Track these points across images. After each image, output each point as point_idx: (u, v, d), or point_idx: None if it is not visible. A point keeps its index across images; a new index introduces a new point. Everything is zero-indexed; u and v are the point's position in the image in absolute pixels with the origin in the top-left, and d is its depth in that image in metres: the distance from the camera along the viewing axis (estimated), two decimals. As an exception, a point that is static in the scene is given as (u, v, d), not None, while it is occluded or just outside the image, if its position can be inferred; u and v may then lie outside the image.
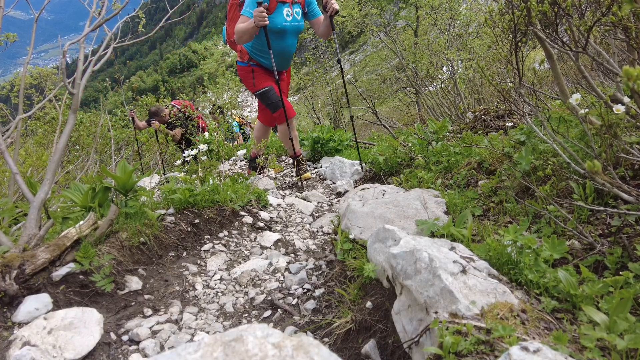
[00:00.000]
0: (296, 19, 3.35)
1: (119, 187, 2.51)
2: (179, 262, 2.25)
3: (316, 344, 0.70)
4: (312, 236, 2.73)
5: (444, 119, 3.38)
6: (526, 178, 1.87)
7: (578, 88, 3.38)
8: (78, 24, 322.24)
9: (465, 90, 6.80)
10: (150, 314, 1.84)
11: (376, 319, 1.46)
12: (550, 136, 1.78)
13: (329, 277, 2.02)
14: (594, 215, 1.54)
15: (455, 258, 1.26)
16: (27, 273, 1.71)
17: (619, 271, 1.26)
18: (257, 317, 1.86)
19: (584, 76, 1.86)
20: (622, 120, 1.50)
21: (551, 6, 1.67)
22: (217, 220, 2.60)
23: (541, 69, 2.51)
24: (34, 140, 7.13)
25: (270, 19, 3.17)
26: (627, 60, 1.88)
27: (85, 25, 2.61)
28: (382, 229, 1.60)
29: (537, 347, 0.84)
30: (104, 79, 63.07)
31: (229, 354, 0.66)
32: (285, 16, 3.26)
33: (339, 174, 3.86)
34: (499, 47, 2.31)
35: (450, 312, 1.08)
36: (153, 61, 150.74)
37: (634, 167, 1.60)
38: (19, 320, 1.58)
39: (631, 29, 1.53)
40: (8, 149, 2.44)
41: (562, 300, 1.18)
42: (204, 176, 2.92)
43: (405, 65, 7.92)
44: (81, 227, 2.02)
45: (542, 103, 2.49)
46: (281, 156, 5.01)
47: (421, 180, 2.53)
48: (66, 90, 2.40)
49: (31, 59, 2.84)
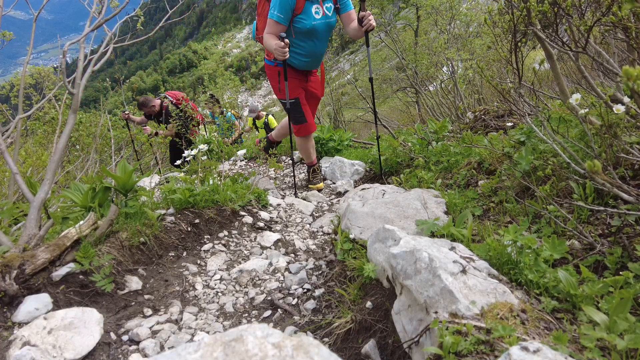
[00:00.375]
0: (327, 15, 3.11)
1: (119, 187, 2.51)
2: (179, 262, 2.25)
3: (316, 344, 0.70)
4: (312, 236, 2.73)
5: (444, 119, 3.38)
6: (526, 178, 1.87)
7: (578, 88, 3.38)
8: (78, 24, 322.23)
9: (465, 90, 6.80)
10: (150, 314, 1.84)
11: (376, 319, 1.46)
12: (550, 136, 1.78)
13: (329, 277, 2.02)
14: (594, 215, 1.54)
15: (455, 258, 1.26)
16: (27, 273, 1.71)
17: (619, 271, 1.26)
18: (257, 317, 1.86)
19: (584, 76, 1.86)
20: (622, 120, 1.50)
21: (551, 6, 1.67)
22: (217, 220, 2.60)
23: (541, 69, 2.51)
24: (34, 140, 7.13)
25: (299, 20, 3.02)
26: (627, 60, 1.88)
27: (85, 25, 2.61)
28: (382, 229, 1.60)
29: (537, 347, 0.84)
30: (104, 79, 63.09)
31: (229, 354, 0.66)
32: (314, 14, 3.04)
33: (339, 174, 3.86)
34: (498, 47, 2.31)
35: (450, 312, 1.08)
36: (153, 61, 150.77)
37: (634, 167, 1.60)
38: (19, 320, 1.58)
39: (631, 29, 1.53)
40: (8, 149, 2.44)
41: (562, 300, 1.18)
42: (204, 176, 2.92)
43: (405, 65, 7.93)
44: (81, 227, 2.02)
45: (542, 103, 2.49)
46: (281, 156, 5.01)
47: (421, 180, 2.53)
48: (66, 90, 2.40)
49: (31, 59, 2.84)
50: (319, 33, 3.13)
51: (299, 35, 3.09)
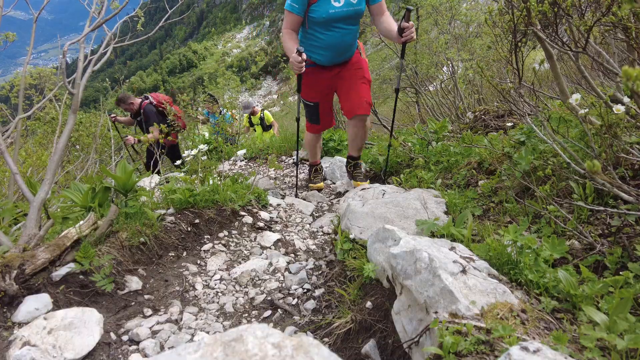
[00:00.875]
0: (350, 2, 2.73)
1: (119, 187, 2.51)
2: (179, 262, 2.25)
3: (316, 344, 0.70)
4: (312, 236, 2.73)
5: (444, 119, 3.38)
6: (526, 178, 1.87)
7: (578, 88, 3.38)
8: (78, 24, 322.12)
9: (465, 90, 6.80)
10: (150, 314, 1.84)
11: (376, 319, 1.46)
12: (550, 136, 1.78)
13: (329, 277, 2.02)
14: (594, 215, 1.54)
15: (455, 258, 1.26)
16: (27, 273, 1.71)
17: (619, 271, 1.26)
18: (257, 317, 1.86)
19: (584, 76, 1.86)
20: (622, 120, 1.50)
21: (551, 6, 1.67)
22: (217, 220, 2.60)
23: (541, 69, 2.51)
24: (34, 140, 7.13)
25: (313, 9, 2.73)
26: (627, 60, 1.88)
27: (85, 25, 2.61)
28: (382, 229, 1.60)
29: (537, 347, 0.84)
30: (104, 79, 63.05)
31: (229, 354, 0.66)
32: (334, 2, 2.71)
33: (338, 174, 3.86)
34: (499, 47, 2.31)
35: (450, 312, 1.08)
36: (153, 61, 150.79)
37: (634, 167, 1.61)
38: (19, 320, 1.58)
39: (631, 29, 1.53)
40: (8, 149, 2.44)
41: (562, 300, 1.18)
42: (204, 176, 2.92)
43: (405, 65, 7.92)
44: (81, 227, 2.02)
45: (542, 103, 2.49)
46: (281, 156, 5.01)
47: (421, 180, 2.53)
48: (66, 90, 2.40)
49: (31, 59, 2.84)
50: (339, 22, 2.79)
51: (314, 26, 2.82)
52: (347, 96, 3.03)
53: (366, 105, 2.98)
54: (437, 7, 7.35)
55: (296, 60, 2.60)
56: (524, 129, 2.20)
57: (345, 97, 3.04)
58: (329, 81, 3.05)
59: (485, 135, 2.99)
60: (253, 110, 8.06)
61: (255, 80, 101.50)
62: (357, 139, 3.17)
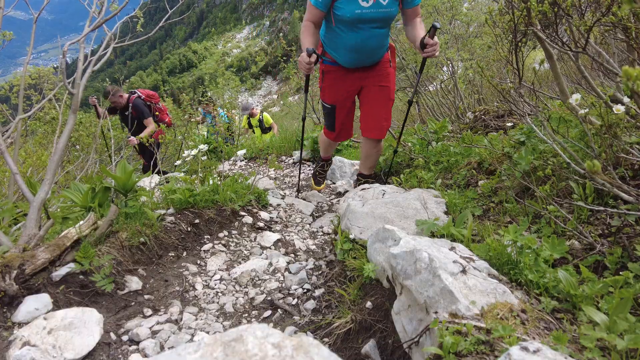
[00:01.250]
0: (380, 3, 2.49)
1: (119, 187, 2.51)
2: (179, 262, 2.25)
3: (316, 344, 0.70)
4: (312, 236, 2.73)
5: (444, 119, 3.38)
6: (526, 178, 1.87)
7: (578, 88, 3.38)
8: (78, 24, 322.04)
9: (465, 90, 6.80)
10: (150, 314, 1.84)
11: (376, 319, 1.46)
12: (550, 136, 1.78)
13: (329, 277, 2.02)
14: (594, 215, 1.54)
15: (455, 258, 1.26)
16: (27, 273, 1.71)
17: (619, 271, 1.26)
18: (257, 317, 1.86)
19: (584, 76, 1.86)
20: (622, 120, 1.50)
21: (551, 6, 1.67)
22: (217, 220, 2.60)
23: (541, 69, 2.51)
24: (34, 140, 7.13)
25: (338, 6, 2.53)
26: (627, 60, 1.88)
27: (85, 25, 2.61)
28: (382, 229, 1.60)
29: (537, 347, 0.84)
30: (104, 79, 63.06)
31: (229, 354, 0.66)
32: (362, 1, 2.49)
33: (338, 174, 3.86)
34: (499, 47, 2.31)
35: (450, 312, 1.08)
36: (153, 61, 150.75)
37: (634, 167, 1.61)
38: (19, 320, 1.58)
39: (631, 29, 1.53)
40: (8, 149, 2.44)
41: (562, 300, 1.18)
42: (204, 176, 2.92)
43: (405, 65, 7.92)
44: (81, 227, 2.02)
45: (542, 103, 2.49)
46: (281, 156, 5.01)
47: (421, 180, 2.53)
48: (66, 90, 2.40)
49: (31, 59, 2.84)
50: (366, 23, 2.55)
51: (340, 24, 2.60)
52: (366, 113, 2.88)
53: (384, 129, 2.86)
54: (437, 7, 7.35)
55: (304, 61, 2.47)
56: (524, 129, 2.20)
57: (365, 113, 2.89)
58: (350, 86, 2.84)
59: (485, 135, 2.99)
60: (252, 112, 7.98)
61: (255, 80, 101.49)
62: (369, 158, 3.02)
